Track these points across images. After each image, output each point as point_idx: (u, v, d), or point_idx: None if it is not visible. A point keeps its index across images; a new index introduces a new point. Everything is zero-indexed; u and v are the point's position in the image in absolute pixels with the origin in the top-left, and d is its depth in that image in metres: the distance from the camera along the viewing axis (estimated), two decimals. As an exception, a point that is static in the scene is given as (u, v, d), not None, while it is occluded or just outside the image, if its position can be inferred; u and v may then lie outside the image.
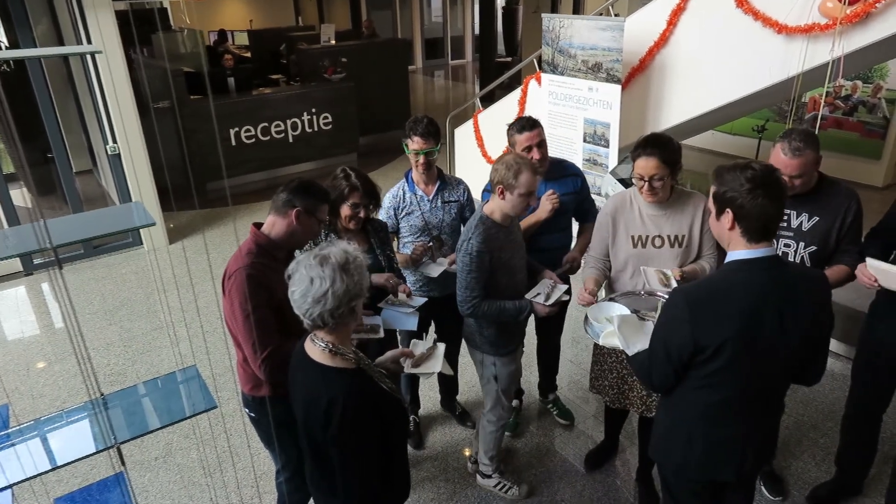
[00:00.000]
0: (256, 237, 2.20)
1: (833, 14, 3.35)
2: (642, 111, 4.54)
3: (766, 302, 1.74)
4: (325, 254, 1.67)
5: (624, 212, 2.66)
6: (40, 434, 1.93)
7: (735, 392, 1.83)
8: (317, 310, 1.64)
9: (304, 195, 2.18)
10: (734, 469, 1.94)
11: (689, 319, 1.76)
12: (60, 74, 7.12)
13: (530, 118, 2.92)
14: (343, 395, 1.67)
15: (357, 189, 2.54)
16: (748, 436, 1.91)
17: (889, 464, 2.79)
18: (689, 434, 1.94)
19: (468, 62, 17.27)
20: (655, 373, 1.90)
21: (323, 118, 8.15)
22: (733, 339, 1.73)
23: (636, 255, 2.63)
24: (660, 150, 2.42)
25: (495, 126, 5.94)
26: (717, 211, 1.81)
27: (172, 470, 3.35)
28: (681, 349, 1.79)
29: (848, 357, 3.81)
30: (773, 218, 1.74)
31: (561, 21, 4.58)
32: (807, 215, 2.44)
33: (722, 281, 1.81)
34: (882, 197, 6.24)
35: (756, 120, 6.66)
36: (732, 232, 1.78)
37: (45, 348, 4.52)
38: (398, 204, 3.03)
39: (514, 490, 3.05)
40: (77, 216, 2.41)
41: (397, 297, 2.68)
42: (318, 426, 1.73)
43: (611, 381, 2.81)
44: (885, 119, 6.42)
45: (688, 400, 1.91)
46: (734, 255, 1.79)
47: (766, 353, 1.78)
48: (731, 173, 1.76)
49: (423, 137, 2.85)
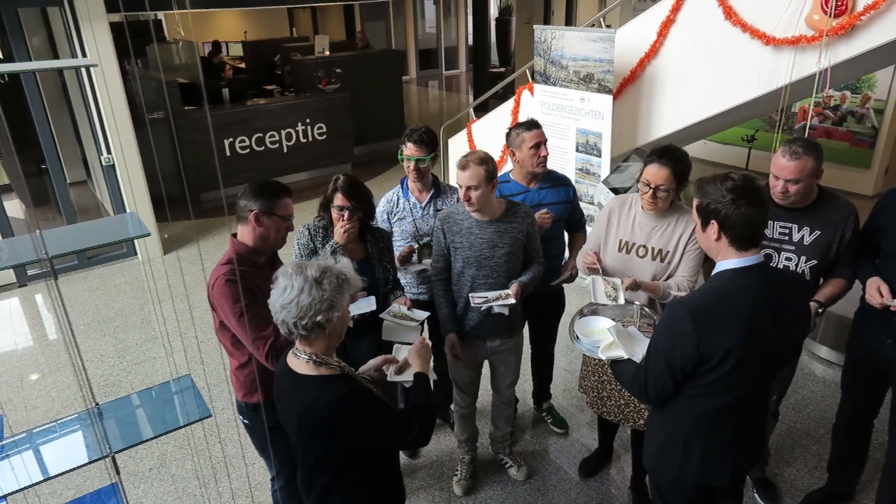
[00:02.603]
0: (235, 246, 2.23)
1: (819, 26, 3.41)
2: (634, 121, 4.59)
3: (764, 307, 1.77)
4: (305, 264, 1.70)
5: (621, 213, 2.70)
6: (33, 445, 1.93)
7: (732, 398, 1.84)
8: (282, 316, 1.67)
9: (256, 197, 2.18)
10: (729, 473, 1.96)
11: (693, 331, 1.75)
12: (55, 85, 7.14)
13: (533, 120, 3.00)
14: (340, 396, 1.69)
15: (337, 191, 2.56)
16: (741, 439, 1.93)
17: (881, 471, 2.81)
18: (685, 443, 1.94)
19: (462, 73, 17.35)
20: (652, 386, 1.89)
21: (318, 128, 8.18)
22: (738, 346, 1.74)
23: (620, 260, 2.68)
24: (674, 162, 2.45)
25: (489, 136, 5.99)
26: (703, 223, 1.83)
27: (167, 480, 3.34)
28: (684, 361, 1.79)
29: (839, 364, 3.84)
30: (758, 224, 1.77)
31: (553, 32, 4.63)
32: (808, 229, 2.45)
33: (721, 290, 1.81)
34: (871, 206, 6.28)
35: (746, 130, 6.73)
36: (720, 242, 1.80)
37: (39, 360, 4.50)
38: (391, 209, 3.07)
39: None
40: (71, 227, 2.42)
41: (402, 309, 2.63)
42: (319, 436, 1.74)
43: (592, 382, 2.84)
44: (874, 129, 6.51)
45: (684, 409, 1.91)
46: (725, 264, 1.81)
47: (764, 357, 1.80)
48: (712, 185, 1.78)
49: (415, 144, 2.89)
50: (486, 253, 2.67)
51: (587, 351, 2.23)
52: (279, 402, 1.88)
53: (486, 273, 2.69)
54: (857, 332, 2.66)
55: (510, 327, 2.88)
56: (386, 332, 2.66)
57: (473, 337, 2.84)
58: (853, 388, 2.76)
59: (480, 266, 2.69)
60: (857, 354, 2.69)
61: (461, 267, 2.72)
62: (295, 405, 1.77)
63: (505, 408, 3.15)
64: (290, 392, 1.79)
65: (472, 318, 2.78)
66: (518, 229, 2.69)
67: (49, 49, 6.64)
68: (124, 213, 5.60)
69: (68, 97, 6.96)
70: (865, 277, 2.45)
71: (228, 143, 7.56)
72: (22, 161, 6.51)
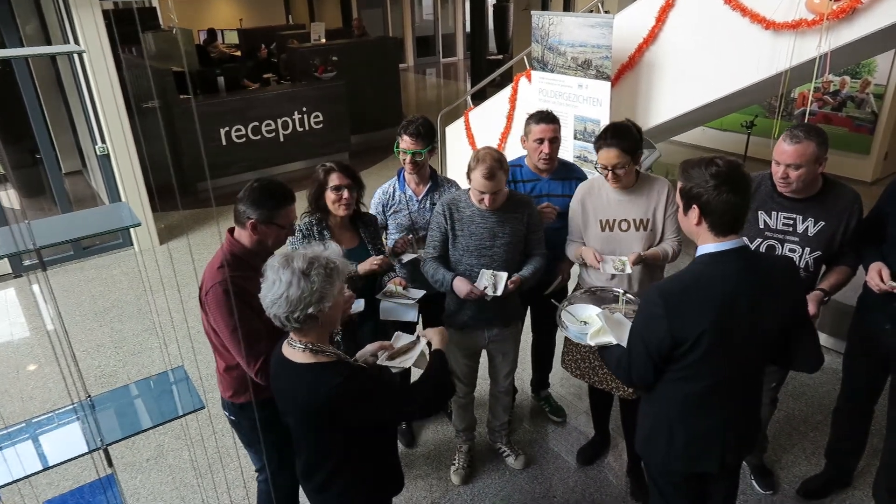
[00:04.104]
0: (231, 246, 2.17)
1: (820, 10, 3.36)
2: (632, 108, 4.55)
3: (739, 291, 1.77)
4: (291, 255, 1.68)
5: (592, 197, 2.77)
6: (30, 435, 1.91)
7: (714, 381, 1.86)
8: (272, 310, 1.66)
9: (257, 206, 2.10)
10: (717, 460, 1.96)
11: (664, 315, 1.78)
12: (49, 74, 7.07)
13: (550, 113, 2.94)
14: (339, 381, 1.69)
15: (333, 170, 2.55)
16: (728, 424, 1.93)
17: (878, 457, 2.81)
18: (670, 427, 1.97)
19: (459, 60, 17.25)
20: (635, 370, 1.92)
21: (314, 117, 8.12)
22: (710, 330, 1.75)
23: (604, 239, 2.73)
24: (619, 139, 2.54)
25: (486, 123, 5.94)
26: (684, 206, 1.83)
27: (164, 471, 3.34)
28: (660, 344, 1.82)
29: (838, 351, 3.83)
30: (739, 212, 1.76)
31: (550, 18, 4.58)
32: (812, 220, 2.42)
33: (694, 274, 1.83)
34: (871, 191, 6.28)
35: (745, 116, 6.68)
36: (700, 227, 1.80)
37: (36, 350, 4.49)
38: (387, 201, 3.03)
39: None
40: (62, 217, 2.40)
41: (397, 289, 2.67)
42: (323, 422, 1.74)
43: (577, 355, 2.79)
44: (874, 114, 6.46)
45: (668, 393, 1.94)
46: (704, 248, 1.82)
47: (742, 342, 1.80)
48: (696, 169, 1.77)
49: (411, 137, 2.85)
50: (486, 242, 2.65)
51: (575, 338, 2.27)
52: (278, 395, 1.86)
53: (485, 263, 2.67)
54: (859, 318, 2.65)
55: (508, 317, 2.86)
56: (384, 312, 2.68)
57: (472, 326, 2.82)
58: (853, 374, 2.75)
59: (480, 255, 2.67)
60: (858, 340, 2.68)
61: (460, 255, 2.70)
62: (295, 394, 1.76)
63: (503, 397, 3.15)
64: (289, 382, 1.78)
65: (469, 308, 2.76)
66: (520, 220, 2.67)
67: (42, 37, 6.56)
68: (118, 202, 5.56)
69: (62, 86, 6.89)
70: (869, 263, 2.43)
71: (224, 132, 7.50)
72: (16, 151, 6.46)
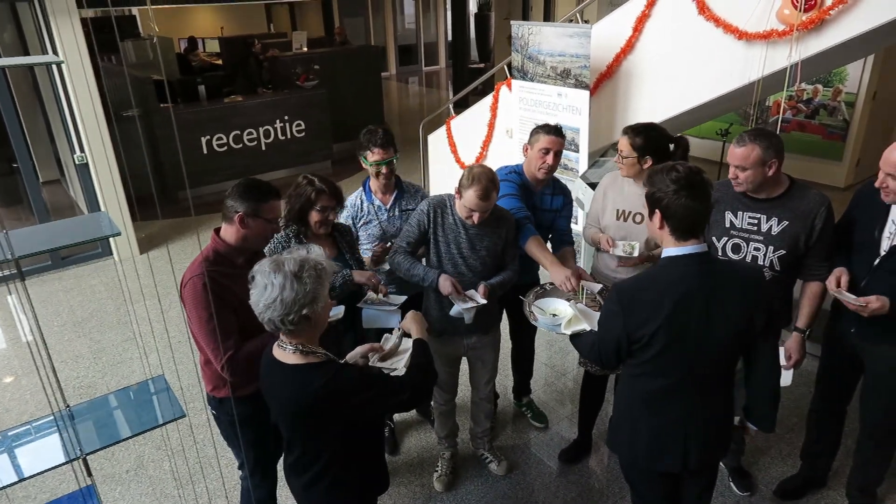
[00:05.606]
0: (216, 243, 2.22)
1: (790, 21, 3.45)
2: (611, 116, 4.62)
3: (693, 294, 1.84)
4: (281, 260, 1.69)
5: (614, 187, 2.93)
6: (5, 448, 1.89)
7: (672, 381, 1.94)
8: (267, 315, 1.68)
9: (244, 198, 2.15)
10: (678, 460, 2.01)
11: (620, 312, 1.89)
12: (26, 83, 6.99)
13: (560, 128, 3.00)
14: (329, 379, 1.71)
15: (324, 192, 2.56)
16: (687, 422, 1.98)
17: (852, 457, 2.87)
18: (633, 423, 2.05)
19: (442, 68, 17.33)
20: (604, 355, 2.02)
21: (296, 125, 8.12)
22: (663, 329, 1.83)
23: (618, 228, 2.86)
24: (633, 132, 2.72)
25: (468, 132, 5.99)
26: (649, 211, 1.91)
27: (144, 482, 3.30)
28: (618, 339, 1.92)
29: (813, 354, 3.90)
30: (698, 217, 1.83)
31: (529, 28, 4.64)
32: (776, 220, 2.48)
33: (651, 275, 1.95)
34: (843, 197, 6.34)
35: (721, 124, 6.80)
36: (662, 231, 1.88)
37: (13, 362, 4.42)
38: (356, 213, 3.03)
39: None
40: (39, 227, 2.37)
41: (377, 296, 2.69)
42: (315, 421, 1.77)
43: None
44: (845, 121, 6.62)
45: (631, 388, 2.04)
46: (666, 252, 1.90)
47: (695, 343, 1.87)
48: (658, 175, 1.86)
49: (382, 148, 2.86)
50: (464, 252, 2.68)
51: (547, 328, 2.34)
52: (269, 396, 1.88)
53: (461, 272, 2.70)
54: (831, 322, 2.72)
55: (486, 324, 2.88)
56: (366, 320, 2.68)
57: (450, 333, 2.84)
58: (827, 376, 2.82)
59: (455, 264, 2.70)
60: (830, 343, 2.75)
61: (436, 262, 2.72)
62: (287, 395, 1.78)
63: (484, 404, 3.16)
64: (280, 383, 1.79)
65: (448, 315, 2.78)
66: (499, 235, 2.72)
67: (20, 46, 6.50)
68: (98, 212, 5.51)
69: (40, 94, 6.82)
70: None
71: (206, 140, 7.46)
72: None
